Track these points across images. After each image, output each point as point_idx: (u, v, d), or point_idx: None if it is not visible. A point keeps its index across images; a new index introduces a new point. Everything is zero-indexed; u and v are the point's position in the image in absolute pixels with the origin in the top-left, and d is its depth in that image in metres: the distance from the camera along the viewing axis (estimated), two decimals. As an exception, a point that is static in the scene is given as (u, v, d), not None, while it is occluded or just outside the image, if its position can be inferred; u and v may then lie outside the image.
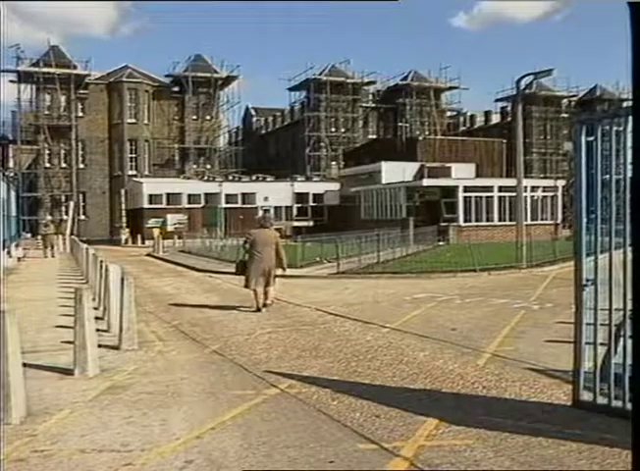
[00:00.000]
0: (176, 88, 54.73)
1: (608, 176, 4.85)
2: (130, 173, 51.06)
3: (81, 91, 51.60)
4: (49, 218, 45.72)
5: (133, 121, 52.04)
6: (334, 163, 57.23)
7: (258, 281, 11.20)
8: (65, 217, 49.43)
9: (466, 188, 35.54)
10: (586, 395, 4.99)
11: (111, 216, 51.52)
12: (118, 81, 52.06)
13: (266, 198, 45.18)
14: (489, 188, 36.08)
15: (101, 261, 12.23)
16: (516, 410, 5.21)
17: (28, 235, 41.43)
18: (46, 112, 50.49)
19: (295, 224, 43.00)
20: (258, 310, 11.11)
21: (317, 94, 57.57)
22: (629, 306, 4.21)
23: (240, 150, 58.91)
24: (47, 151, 51.02)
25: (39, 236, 33.28)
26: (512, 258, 18.31)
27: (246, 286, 11.44)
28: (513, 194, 24.91)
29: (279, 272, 11.77)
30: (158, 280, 18.21)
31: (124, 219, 45.34)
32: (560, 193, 38.23)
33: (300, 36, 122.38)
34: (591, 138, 4.99)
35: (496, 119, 64.90)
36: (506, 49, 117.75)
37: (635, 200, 1.57)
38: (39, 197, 50.84)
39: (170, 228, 40.33)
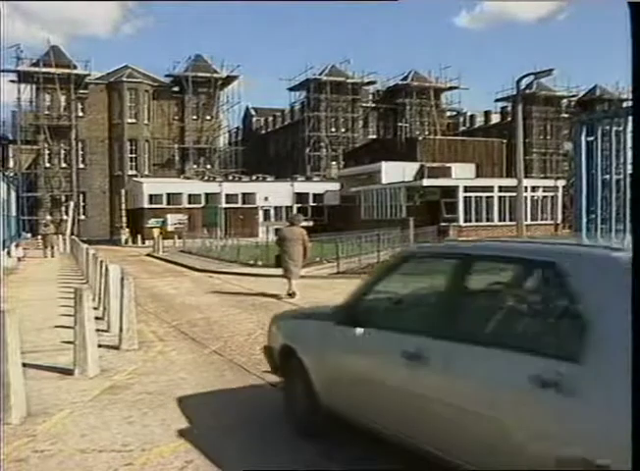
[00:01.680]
0: (176, 88, 54.73)
1: (608, 176, 4.86)
2: (130, 173, 51.07)
3: (81, 91, 51.61)
4: (49, 218, 45.73)
5: (134, 121, 52.04)
6: (334, 163, 57.25)
7: (291, 270, 12.72)
8: (65, 217, 49.43)
9: (466, 188, 35.55)
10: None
11: (111, 216, 51.52)
12: (118, 81, 52.07)
13: (266, 198, 45.18)
14: (489, 188, 36.09)
15: (101, 261, 12.23)
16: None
17: (28, 235, 41.38)
18: (46, 112, 50.50)
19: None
20: (289, 296, 12.56)
21: (317, 94, 57.58)
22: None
23: (239, 150, 58.90)
24: (47, 151, 51.03)
25: (39, 236, 33.27)
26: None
27: (284, 275, 12.90)
28: (513, 194, 24.92)
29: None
30: (158, 280, 18.21)
31: (124, 219, 45.33)
32: (560, 193, 38.24)
33: (300, 36, 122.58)
34: (591, 138, 4.99)
35: (496, 119, 64.91)
36: (507, 49, 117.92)
37: (635, 200, 1.56)
38: (39, 197, 50.85)
39: (170, 228, 40.31)
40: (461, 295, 3.62)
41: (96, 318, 7.88)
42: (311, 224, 43.33)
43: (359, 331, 3.89)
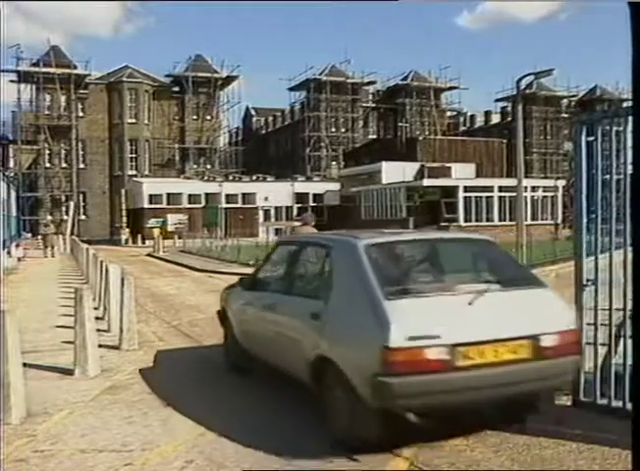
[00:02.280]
0: (176, 88, 54.73)
1: (608, 176, 4.84)
2: (130, 173, 51.06)
3: (82, 91, 51.60)
4: (49, 218, 45.71)
5: (134, 121, 52.03)
6: (334, 163, 57.23)
7: None
8: (65, 217, 49.40)
9: (466, 188, 35.52)
10: (586, 396, 4.98)
11: (111, 216, 51.50)
12: (118, 81, 52.06)
13: (266, 198, 45.17)
14: (489, 188, 36.06)
15: (101, 261, 12.22)
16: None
17: (29, 235, 41.35)
18: (46, 112, 50.49)
19: (296, 224, 42.92)
20: None
21: (317, 94, 57.57)
22: (629, 306, 4.20)
23: (239, 150, 58.91)
24: (47, 151, 51.01)
25: (39, 236, 33.26)
26: (512, 258, 18.23)
27: None
28: (513, 194, 24.90)
29: None
30: (158, 280, 18.22)
31: (124, 219, 45.31)
32: (560, 193, 38.22)
33: (300, 36, 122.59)
34: (591, 138, 4.97)
35: (496, 119, 64.90)
36: (507, 49, 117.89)
37: (635, 200, 1.57)
38: (39, 197, 50.83)
39: (170, 228, 40.31)
40: (293, 266, 5.70)
41: (96, 318, 7.88)
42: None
43: (250, 293, 6.11)
